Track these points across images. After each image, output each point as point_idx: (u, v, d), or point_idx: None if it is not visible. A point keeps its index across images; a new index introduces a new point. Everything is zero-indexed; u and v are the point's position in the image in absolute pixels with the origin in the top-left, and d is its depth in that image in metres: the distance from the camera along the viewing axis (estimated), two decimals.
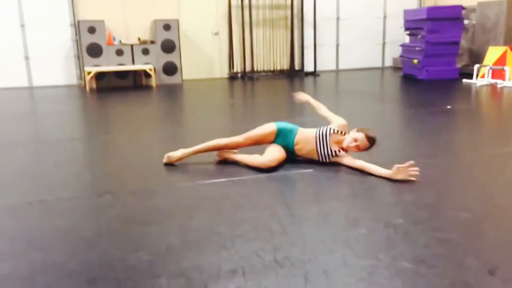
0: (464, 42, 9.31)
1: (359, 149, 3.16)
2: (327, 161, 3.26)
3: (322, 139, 3.24)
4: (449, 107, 5.68)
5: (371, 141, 3.17)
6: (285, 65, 10.86)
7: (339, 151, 3.24)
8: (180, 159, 3.38)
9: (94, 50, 9.07)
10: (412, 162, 2.84)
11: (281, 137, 3.35)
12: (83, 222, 2.43)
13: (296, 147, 3.32)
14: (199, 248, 2.06)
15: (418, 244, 2.04)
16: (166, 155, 3.39)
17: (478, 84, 7.69)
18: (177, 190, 2.88)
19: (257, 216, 2.41)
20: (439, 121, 4.84)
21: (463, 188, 2.80)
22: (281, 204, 2.59)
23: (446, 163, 3.33)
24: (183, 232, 2.25)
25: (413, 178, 2.84)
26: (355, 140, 3.14)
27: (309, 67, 10.82)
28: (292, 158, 3.35)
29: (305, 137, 3.30)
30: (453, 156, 3.53)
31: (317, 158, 3.29)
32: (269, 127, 3.39)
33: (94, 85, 9.08)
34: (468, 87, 7.49)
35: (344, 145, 3.20)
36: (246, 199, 2.68)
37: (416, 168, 2.85)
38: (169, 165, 3.36)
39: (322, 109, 3.58)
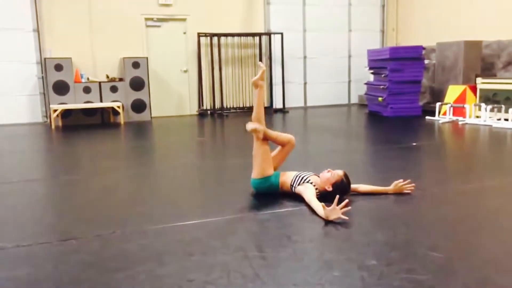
0: (425, 81, 9.68)
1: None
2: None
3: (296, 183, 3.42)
4: (414, 144, 5.82)
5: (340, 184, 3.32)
6: None
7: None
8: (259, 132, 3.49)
9: (61, 88, 8.93)
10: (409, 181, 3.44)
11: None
12: (45, 270, 2.30)
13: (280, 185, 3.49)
14: None
15: (392, 286, 2.03)
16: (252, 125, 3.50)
17: (440, 121, 7.96)
18: (145, 233, 2.78)
19: (229, 260, 2.35)
20: (405, 158, 4.94)
21: (432, 226, 2.83)
22: (253, 246, 2.54)
23: (414, 200, 3.37)
24: (152, 279, 2.16)
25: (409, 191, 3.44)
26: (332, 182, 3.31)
27: (278, 104, 10.98)
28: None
29: (284, 181, 3.49)
30: (421, 192, 3.58)
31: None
32: (271, 169, 3.54)
33: (60, 123, 8.88)
34: (431, 124, 7.74)
35: (323, 185, 3.32)
36: (217, 242, 2.61)
37: (412, 185, 3.47)
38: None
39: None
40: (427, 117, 8.43)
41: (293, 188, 3.40)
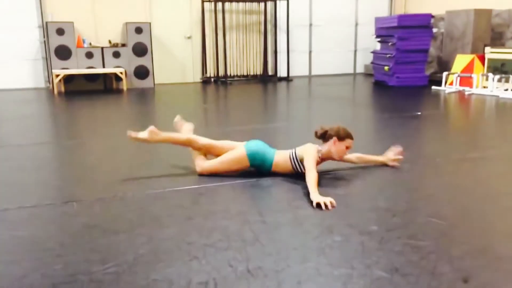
0: (433, 50, 9.51)
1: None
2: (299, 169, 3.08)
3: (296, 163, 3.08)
4: (419, 113, 5.76)
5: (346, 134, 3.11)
6: (258, 70, 10.85)
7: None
8: (146, 141, 3.21)
9: (63, 53, 8.84)
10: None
11: (257, 160, 3.13)
12: (47, 232, 2.31)
13: (273, 168, 3.15)
14: (169, 259, 1.99)
15: (392, 251, 2.03)
16: (131, 133, 3.22)
17: (446, 91, 7.86)
18: (146, 197, 2.79)
19: (229, 224, 2.35)
20: (409, 127, 4.90)
21: (435, 194, 2.82)
22: (254, 211, 2.54)
23: (417, 168, 3.35)
24: (152, 241, 2.17)
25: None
26: (347, 148, 3.09)
27: (282, 72, 10.85)
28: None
29: (284, 160, 3.12)
30: (424, 161, 3.55)
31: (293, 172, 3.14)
32: (239, 153, 3.13)
33: (62, 88, 8.84)
34: (437, 94, 7.64)
35: (337, 158, 3.11)
36: (218, 206, 2.61)
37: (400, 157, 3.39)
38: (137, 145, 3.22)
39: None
40: (433, 87, 8.32)
41: (293, 157, 3.07)
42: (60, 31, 8.77)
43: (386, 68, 8.96)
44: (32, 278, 1.85)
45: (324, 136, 3.08)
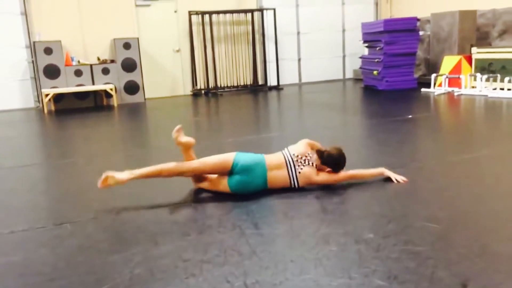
0: (420, 53, 9.59)
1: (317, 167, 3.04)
2: (297, 185, 3.02)
3: (291, 163, 3.02)
4: (410, 116, 5.79)
5: (326, 157, 3.03)
6: (248, 80, 10.87)
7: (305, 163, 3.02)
8: (121, 182, 2.87)
9: (52, 71, 8.81)
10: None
11: (245, 173, 2.91)
12: (40, 255, 2.28)
13: (269, 177, 2.98)
14: (165, 277, 1.96)
15: (390, 258, 2.02)
16: (105, 175, 2.86)
17: (436, 93, 7.91)
18: (140, 215, 2.76)
19: (225, 238, 2.33)
20: (401, 131, 4.91)
21: (429, 197, 2.82)
22: (250, 223, 2.52)
23: (410, 172, 3.35)
24: (147, 260, 2.14)
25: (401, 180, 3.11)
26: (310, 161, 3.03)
27: (272, 81, 10.88)
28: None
29: (277, 163, 3.01)
30: (417, 164, 3.56)
31: (288, 185, 3.03)
32: (227, 156, 3.00)
33: (52, 107, 8.79)
34: (427, 96, 7.69)
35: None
36: (213, 221, 2.59)
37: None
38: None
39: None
40: (422, 89, 8.37)
41: (294, 179, 2.99)
42: (48, 51, 8.74)
43: (375, 72, 9.01)
44: None
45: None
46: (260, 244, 2.25)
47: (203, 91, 10.35)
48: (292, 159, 3.03)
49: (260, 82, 10.92)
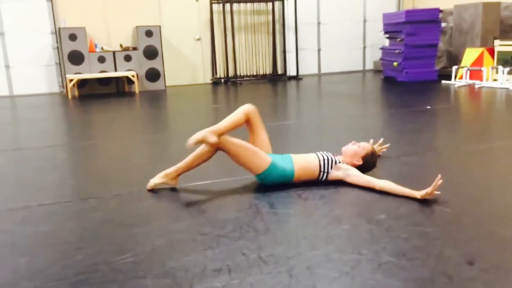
0: (442, 44, 9.49)
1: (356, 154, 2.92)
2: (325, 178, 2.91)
3: (326, 167, 2.89)
4: (428, 107, 5.79)
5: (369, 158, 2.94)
6: (268, 70, 10.93)
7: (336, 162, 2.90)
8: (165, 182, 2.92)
9: (76, 58, 9.02)
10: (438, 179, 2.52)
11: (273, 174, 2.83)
12: (67, 226, 2.42)
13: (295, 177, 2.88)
14: (184, 249, 2.07)
15: (400, 238, 2.09)
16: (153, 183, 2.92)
17: (456, 85, 7.85)
18: (160, 193, 2.88)
19: (241, 216, 2.43)
20: (419, 121, 4.93)
21: (443, 184, 2.86)
22: (265, 203, 2.61)
23: (426, 160, 3.39)
24: (167, 233, 2.25)
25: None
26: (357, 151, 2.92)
27: (291, 71, 10.91)
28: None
29: (306, 167, 2.88)
30: (432, 153, 3.60)
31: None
32: (264, 160, 2.81)
33: (76, 93, 9.01)
34: (447, 88, 7.64)
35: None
36: (230, 200, 2.69)
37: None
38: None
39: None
40: (443, 81, 8.31)
41: (324, 174, 2.88)
42: (73, 37, 8.95)
43: (395, 64, 8.97)
44: (54, 269, 1.95)
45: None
46: (275, 222, 2.34)
47: (222, 80, 10.45)
48: (327, 163, 2.90)
49: (280, 71, 10.97)
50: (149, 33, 9.38)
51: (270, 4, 10.59)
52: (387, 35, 9.60)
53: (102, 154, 4.13)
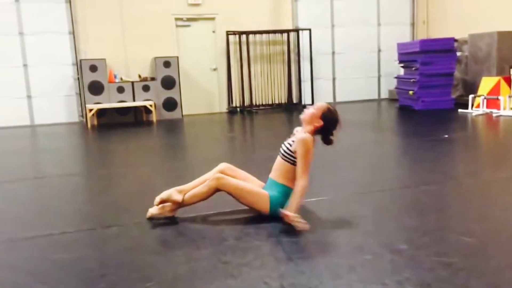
0: (458, 73, 9.51)
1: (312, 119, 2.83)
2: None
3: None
4: (446, 136, 5.76)
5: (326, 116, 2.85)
6: (283, 99, 11.03)
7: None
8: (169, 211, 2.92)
9: (96, 88, 9.24)
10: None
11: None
12: (90, 254, 2.44)
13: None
14: (206, 277, 2.08)
15: (423, 268, 2.07)
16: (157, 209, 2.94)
17: (473, 114, 7.81)
18: (181, 221, 2.90)
19: (262, 245, 2.43)
20: (437, 150, 4.91)
21: (464, 213, 2.84)
22: (284, 232, 2.61)
23: (446, 189, 3.37)
24: (189, 261, 2.26)
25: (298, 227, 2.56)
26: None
27: (306, 100, 10.99)
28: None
29: (286, 172, 2.86)
30: (452, 182, 3.57)
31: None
32: (264, 202, 2.81)
33: (95, 122, 9.19)
34: (464, 117, 7.61)
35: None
36: (250, 229, 2.70)
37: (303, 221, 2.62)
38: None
39: None
40: (459, 110, 8.28)
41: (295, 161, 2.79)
42: (93, 68, 9.19)
43: (410, 92, 8.99)
44: None
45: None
46: (295, 251, 2.34)
47: (238, 109, 10.57)
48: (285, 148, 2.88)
49: (295, 100, 11.06)
50: (167, 64, 9.59)
51: (285, 34, 10.78)
52: (402, 64, 9.66)
53: (121, 182, 4.18)
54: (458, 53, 9.21)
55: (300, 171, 2.74)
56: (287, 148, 2.87)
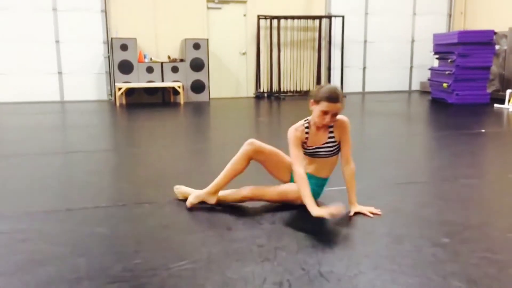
0: (495, 68, 9.19)
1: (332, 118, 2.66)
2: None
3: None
4: (483, 130, 5.57)
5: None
6: (312, 86, 10.88)
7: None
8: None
9: (125, 67, 9.27)
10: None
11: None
12: (123, 229, 2.43)
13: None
14: (241, 259, 2.04)
15: (468, 264, 1.98)
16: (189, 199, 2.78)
17: (510, 109, 7.55)
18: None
19: (298, 230, 2.37)
20: (474, 143, 4.75)
21: (507, 209, 2.72)
22: (322, 218, 2.54)
23: (486, 184, 3.24)
24: (224, 242, 2.23)
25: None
26: (324, 113, 2.65)
27: None
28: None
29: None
30: (492, 177, 3.44)
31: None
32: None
33: (123, 101, 9.24)
34: (500, 112, 7.36)
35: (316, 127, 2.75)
36: (287, 213, 2.64)
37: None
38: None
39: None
40: (495, 105, 8.02)
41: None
42: (124, 47, 9.21)
43: (445, 85, 8.73)
44: (113, 271, 1.95)
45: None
46: (334, 239, 2.27)
47: (265, 94, 10.48)
48: None
49: None
50: (196, 46, 9.54)
51: (317, 21, 10.59)
52: (437, 56, 9.39)
53: (151, 160, 4.17)
54: (497, 47, 8.89)
55: (349, 154, 2.66)
56: (333, 145, 2.68)
